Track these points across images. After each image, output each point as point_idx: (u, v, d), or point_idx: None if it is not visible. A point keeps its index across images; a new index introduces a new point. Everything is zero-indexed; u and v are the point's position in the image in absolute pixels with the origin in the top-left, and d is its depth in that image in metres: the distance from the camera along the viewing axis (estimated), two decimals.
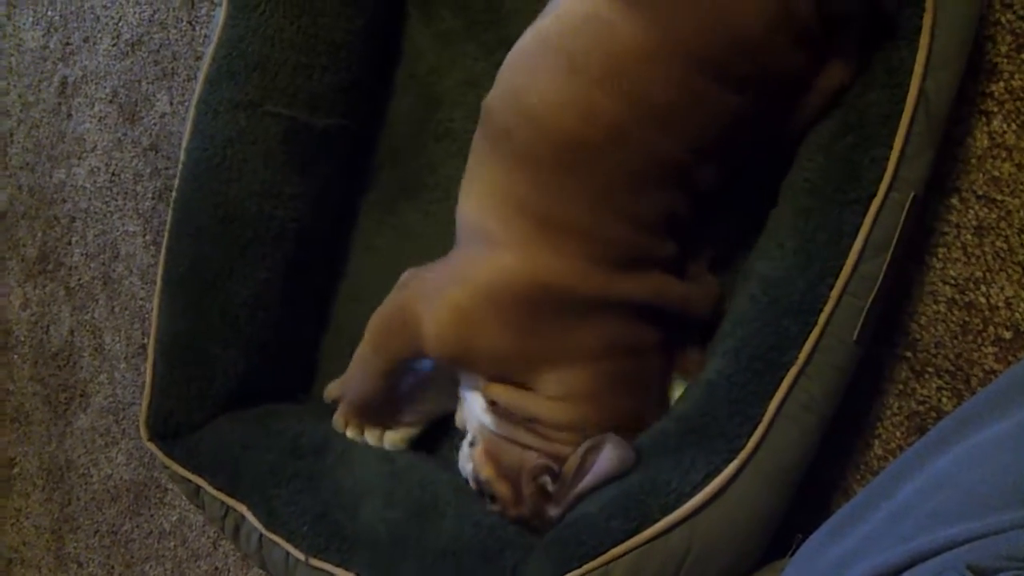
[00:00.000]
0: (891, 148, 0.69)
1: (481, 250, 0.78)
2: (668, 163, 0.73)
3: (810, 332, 0.70)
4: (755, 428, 0.69)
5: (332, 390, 0.94)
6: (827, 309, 0.70)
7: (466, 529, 0.78)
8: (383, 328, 0.85)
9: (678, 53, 0.69)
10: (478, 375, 0.81)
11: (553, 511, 0.76)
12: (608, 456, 0.73)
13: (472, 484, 0.83)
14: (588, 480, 0.73)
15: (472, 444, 0.83)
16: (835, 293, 0.70)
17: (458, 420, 0.88)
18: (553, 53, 0.74)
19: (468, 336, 0.78)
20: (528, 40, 0.78)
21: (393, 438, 0.91)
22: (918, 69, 0.69)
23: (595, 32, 0.72)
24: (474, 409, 0.82)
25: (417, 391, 0.90)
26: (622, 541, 0.69)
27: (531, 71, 0.76)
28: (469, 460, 0.83)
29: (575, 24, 0.73)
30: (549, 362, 0.77)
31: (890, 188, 0.69)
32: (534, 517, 0.77)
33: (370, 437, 0.91)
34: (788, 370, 0.70)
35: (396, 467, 0.86)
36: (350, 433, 0.91)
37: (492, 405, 0.80)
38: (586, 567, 0.69)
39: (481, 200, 0.80)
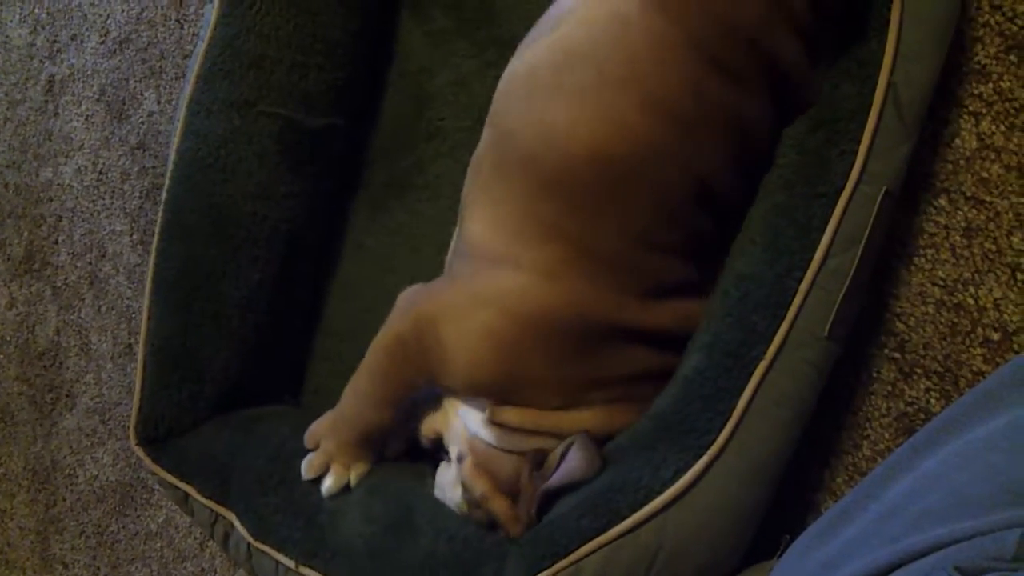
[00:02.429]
0: (860, 142, 0.69)
1: (506, 273, 0.75)
2: (693, 177, 0.72)
3: (778, 326, 0.70)
4: (725, 423, 0.69)
5: (318, 432, 0.87)
6: (795, 303, 0.70)
7: (440, 545, 0.77)
8: (393, 354, 0.80)
9: (687, 45, 0.68)
10: (490, 400, 0.77)
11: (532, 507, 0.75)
12: (573, 457, 0.72)
13: (459, 508, 0.80)
14: (554, 480, 0.73)
15: (459, 460, 0.80)
16: (803, 287, 0.70)
17: (426, 430, 0.84)
18: (580, 64, 0.71)
19: (508, 366, 0.75)
20: (543, 55, 0.75)
21: (361, 470, 0.86)
22: (886, 62, 0.68)
23: (616, 33, 0.70)
24: (468, 424, 0.79)
25: (412, 415, 0.85)
26: (591, 539, 0.69)
27: (555, 89, 0.73)
28: (456, 484, 0.79)
29: (600, 27, 0.71)
30: (578, 387, 0.75)
31: (859, 182, 0.69)
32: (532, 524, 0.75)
33: (354, 474, 0.85)
34: (757, 365, 0.70)
35: (374, 479, 0.85)
36: (334, 476, 0.84)
37: (497, 425, 0.77)
38: (556, 566, 0.69)
39: (501, 225, 0.76)
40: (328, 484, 0.84)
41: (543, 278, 0.73)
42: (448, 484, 0.81)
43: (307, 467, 0.85)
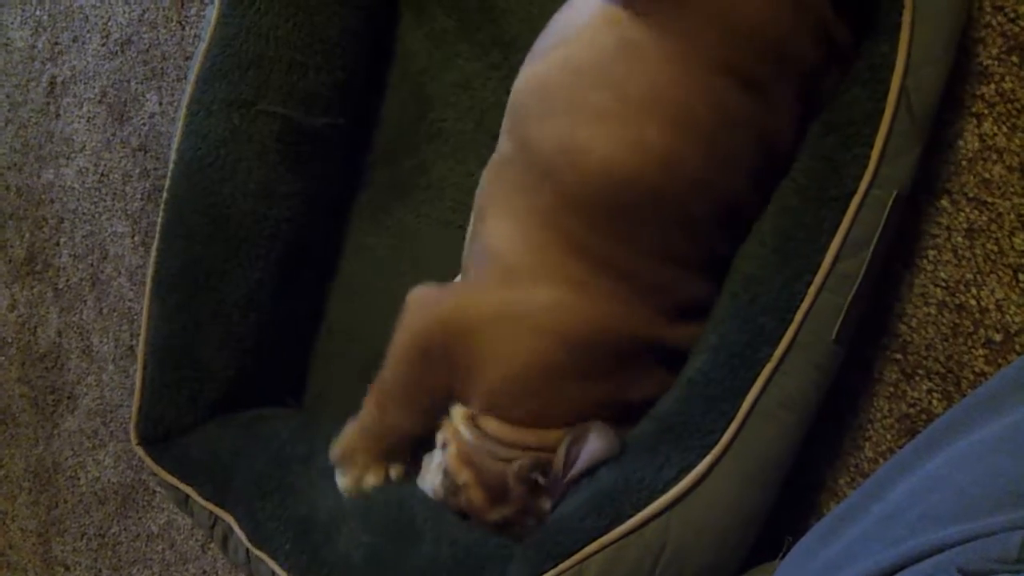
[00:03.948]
0: (872, 146, 0.69)
1: (537, 289, 0.74)
2: (716, 195, 0.72)
3: (786, 329, 0.70)
4: (729, 424, 0.69)
5: (347, 447, 0.83)
6: (804, 306, 0.70)
7: (443, 550, 0.77)
8: (414, 364, 0.79)
9: (706, 63, 0.68)
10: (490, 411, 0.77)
11: (546, 503, 0.75)
12: (594, 444, 0.72)
13: (435, 494, 0.80)
14: (579, 466, 0.73)
15: (444, 447, 0.79)
16: (812, 290, 0.70)
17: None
18: (597, 86, 0.71)
19: (544, 388, 0.75)
20: (555, 71, 0.74)
21: (399, 470, 0.84)
22: (899, 66, 0.68)
23: (630, 57, 0.70)
24: (453, 416, 0.79)
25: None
26: (595, 539, 0.69)
27: (572, 108, 0.72)
28: (439, 469, 0.79)
29: (610, 52, 0.71)
30: (592, 407, 0.75)
31: (871, 185, 0.69)
32: (520, 516, 0.76)
33: (394, 472, 0.83)
34: (763, 367, 0.70)
35: (372, 489, 0.84)
36: (372, 478, 0.82)
37: (477, 428, 0.77)
38: (561, 566, 0.69)
39: (526, 237, 0.75)
40: (371, 483, 0.82)
41: (574, 294, 0.73)
42: (431, 469, 0.81)
43: (344, 486, 0.83)
